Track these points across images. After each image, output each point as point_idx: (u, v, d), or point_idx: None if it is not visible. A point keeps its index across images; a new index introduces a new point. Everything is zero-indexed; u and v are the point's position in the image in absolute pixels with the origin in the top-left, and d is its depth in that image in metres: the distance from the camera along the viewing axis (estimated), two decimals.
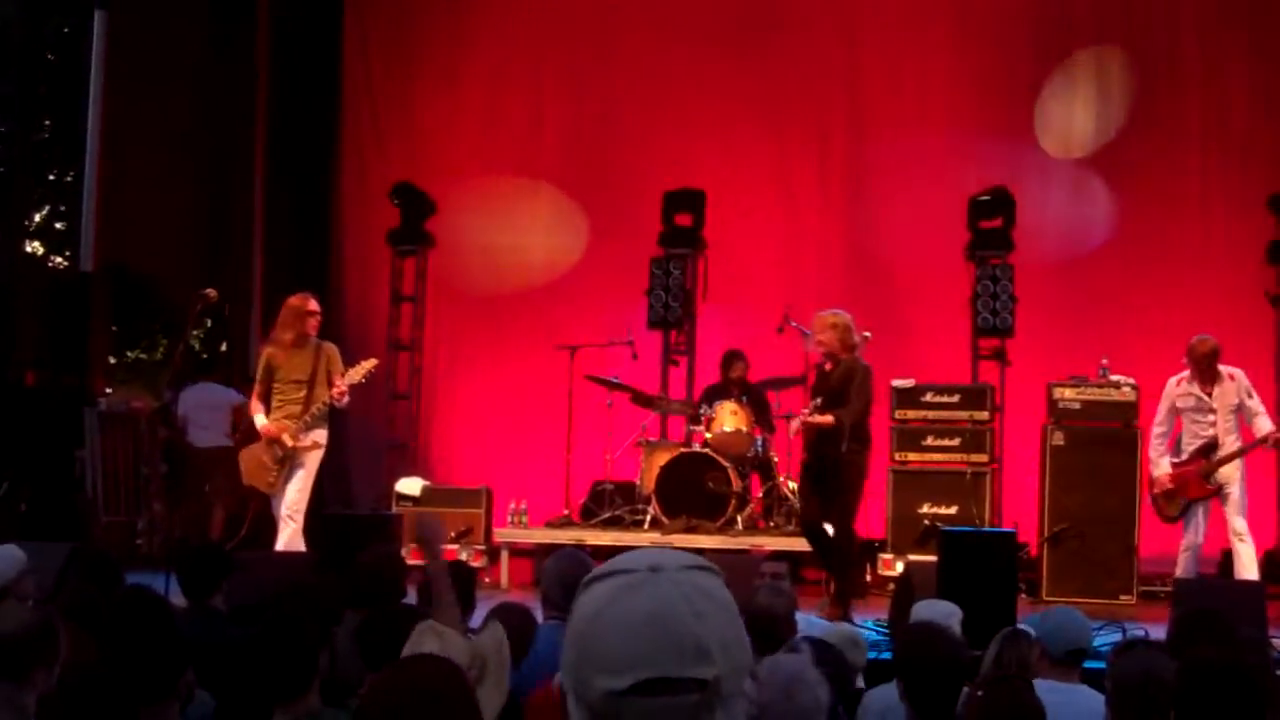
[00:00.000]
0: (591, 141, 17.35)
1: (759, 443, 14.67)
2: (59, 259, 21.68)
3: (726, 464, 14.31)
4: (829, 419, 11.61)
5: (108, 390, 16.19)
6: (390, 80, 17.83)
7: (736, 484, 14.36)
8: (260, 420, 11.94)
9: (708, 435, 14.40)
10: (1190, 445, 11.97)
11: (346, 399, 11.89)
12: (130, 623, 5.43)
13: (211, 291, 11.94)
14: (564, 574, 6.68)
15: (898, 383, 14.60)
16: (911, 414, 14.57)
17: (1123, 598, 13.24)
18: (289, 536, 11.58)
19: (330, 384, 11.79)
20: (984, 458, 14.44)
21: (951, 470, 14.39)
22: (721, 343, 15.53)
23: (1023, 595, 11.68)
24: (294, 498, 11.72)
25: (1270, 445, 11.86)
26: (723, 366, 15.16)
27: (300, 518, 11.69)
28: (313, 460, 11.90)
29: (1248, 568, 11.81)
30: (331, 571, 8.65)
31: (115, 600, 6.15)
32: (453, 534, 14.43)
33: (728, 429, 14.26)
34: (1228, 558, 14.08)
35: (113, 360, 17.98)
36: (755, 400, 14.79)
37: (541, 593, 7.04)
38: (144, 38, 16.71)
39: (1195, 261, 16.01)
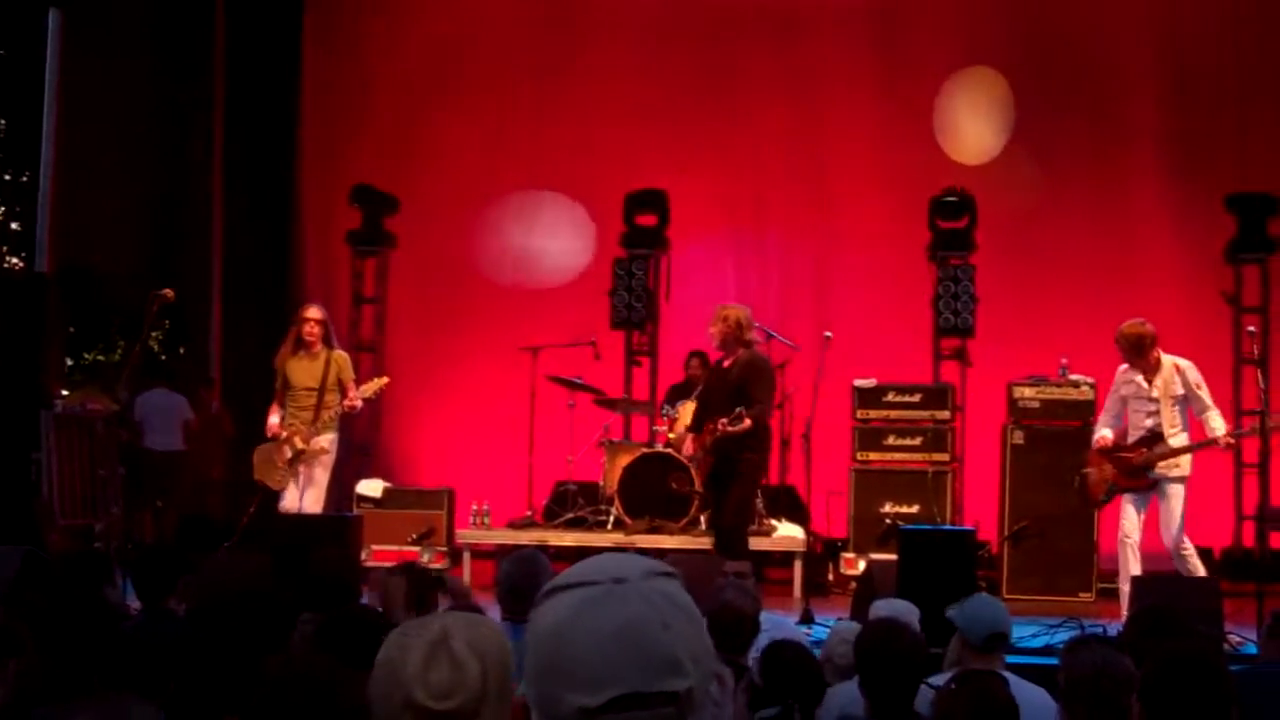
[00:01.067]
0: (554, 141, 17.32)
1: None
2: (15, 260, 21.53)
3: (689, 464, 14.28)
4: (747, 424, 11.48)
5: (64, 392, 16.07)
6: (351, 79, 17.76)
7: (699, 484, 14.34)
8: (272, 420, 12.59)
9: (671, 436, 14.37)
10: (1134, 435, 11.64)
11: (358, 408, 12.66)
12: (65, 622, 5.40)
13: (168, 291, 11.92)
14: (517, 576, 6.65)
15: (859, 383, 14.63)
16: (873, 414, 14.62)
17: (1082, 595, 13.27)
18: None
19: (342, 390, 12.45)
20: (945, 457, 14.50)
21: (913, 469, 14.45)
22: (684, 343, 15.50)
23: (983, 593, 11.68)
24: (310, 504, 12.37)
25: (1222, 447, 11.57)
26: (685, 366, 15.16)
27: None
28: (325, 465, 12.51)
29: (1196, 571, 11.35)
30: (289, 573, 8.60)
31: (60, 602, 6.10)
32: (414, 536, 14.41)
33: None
34: None
35: (69, 362, 17.87)
36: None
37: (497, 595, 7.01)
38: (100, 37, 16.62)
39: (1154, 261, 16.07)
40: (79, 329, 19.02)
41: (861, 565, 13.18)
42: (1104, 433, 11.81)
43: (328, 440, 12.49)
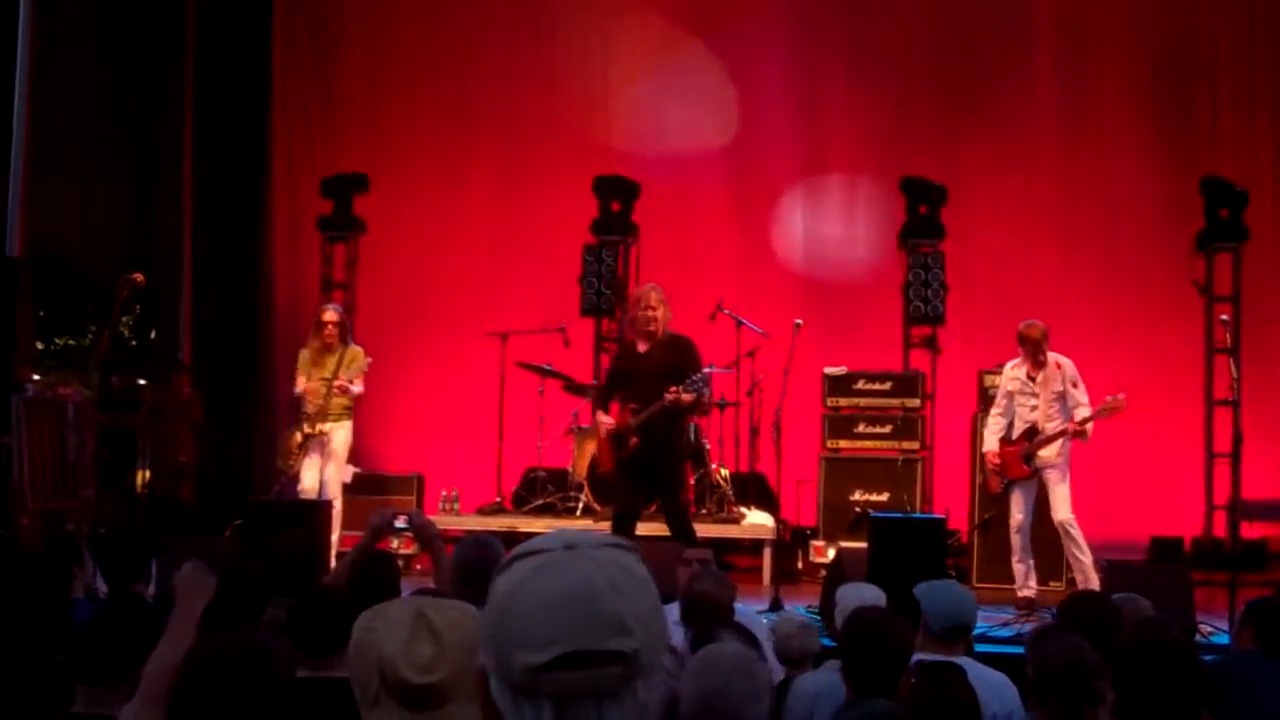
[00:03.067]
0: (524, 127, 17.29)
1: (691, 430, 14.65)
2: None
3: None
4: (691, 397, 11.33)
5: (35, 376, 16.03)
6: (322, 64, 17.71)
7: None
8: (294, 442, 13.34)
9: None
10: (1018, 428, 12.29)
11: (352, 390, 13.19)
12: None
13: (139, 275, 11.92)
14: (469, 560, 6.64)
15: (830, 370, 14.66)
16: (843, 401, 14.65)
17: (1052, 584, 13.29)
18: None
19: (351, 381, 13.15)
20: (915, 445, 14.54)
21: (883, 457, 14.50)
22: None
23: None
24: (330, 489, 13.19)
25: (1071, 434, 12.04)
26: None
27: (338, 503, 13.23)
28: (337, 450, 13.24)
29: (1079, 557, 12.01)
30: (255, 557, 8.59)
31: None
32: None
33: None
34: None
35: (40, 346, 17.81)
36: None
37: (450, 578, 7.00)
38: (72, 21, 16.56)
39: (1125, 249, 16.10)
40: (50, 313, 18.97)
41: (831, 553, 13.20)
42: (991, 446, 12.46)
43: (337, 432, 13.16)
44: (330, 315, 13.38)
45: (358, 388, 13.17)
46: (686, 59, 17.02)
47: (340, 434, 13.20)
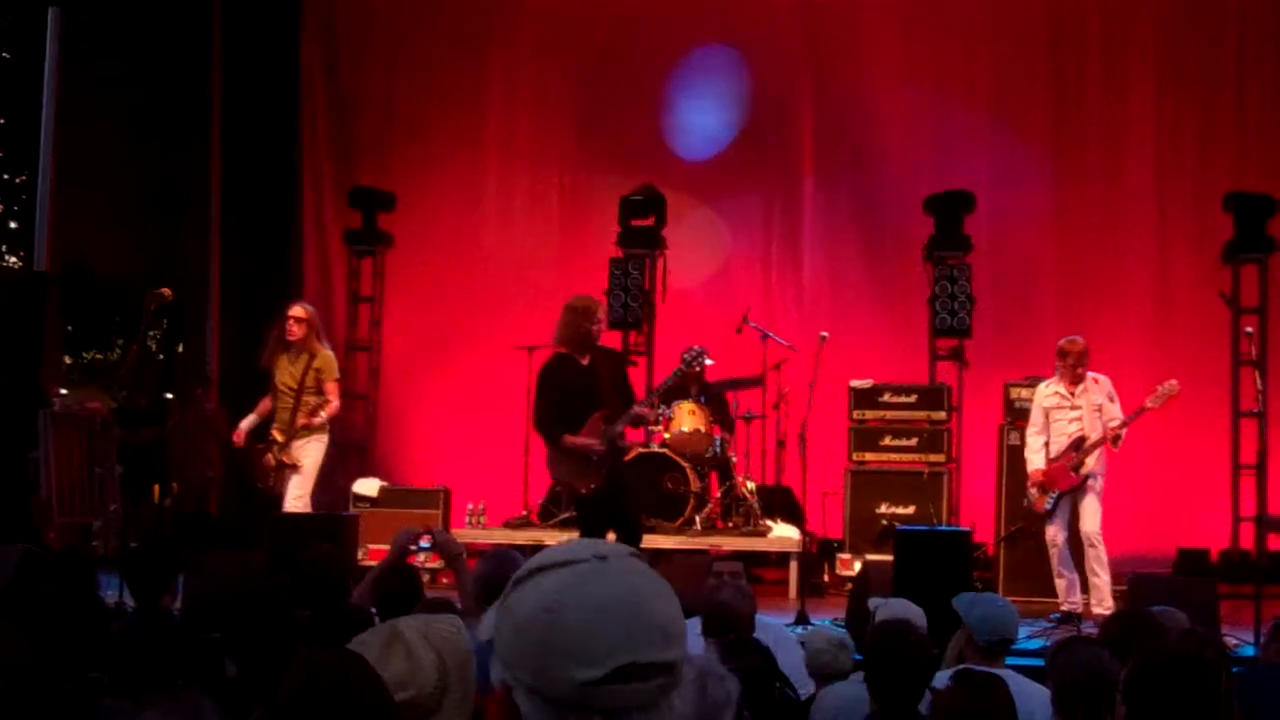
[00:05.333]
0: (552, 140, 17.32)
1: (717, 443, 14.65)
2: (13, 259, 21.55)
3: (685, 464, 14.29)
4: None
5: (62, 391, 16.11)
6: (349, 79, 17.72)
7: (695, 484, 14.33)
8: (242, 425, 12.85)
9: (666, 435, 14.37)
10: (1057, 443, 12.23)
11: (315, 422, 12.35)
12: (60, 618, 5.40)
13: (166, 290, 11.91)
14: (489, 576, 6.65)
15: (855, 383, 14.65)
16: (869, 414, 14.64)
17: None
18: None
19: (321, 391, 12.39)
20: (941, 458, 14.52)
21: (909, 470, 14.48)
22: (680, 343, 15.48)
23: None
24: (292, 504, 12.29)
25: (1109, 439, 12.07)
26: None
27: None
28: (306, 468, 12.37)
29: (1098, 574, 11.99)
30: (282, 571, 8.60)
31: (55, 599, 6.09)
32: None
33: (686, 429, 14.24)
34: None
35: (68, 361, 17.89)
36: (714, 400, 14.77)
37: (475, 594, 7.00)
38: (99, 36, 16.62)
39: (1152, 262, 16.06)
40: (77, 328, 19.07)
41: (857, 566, 13.19)
42: (1038, 465, 12.34)
43: (300, 447, 12.40)
44: (295, 310, 12.53)
45: (320, 416, 12.37)
46: (710, 68, 17.02)
47: (311, 449, 12.43)
